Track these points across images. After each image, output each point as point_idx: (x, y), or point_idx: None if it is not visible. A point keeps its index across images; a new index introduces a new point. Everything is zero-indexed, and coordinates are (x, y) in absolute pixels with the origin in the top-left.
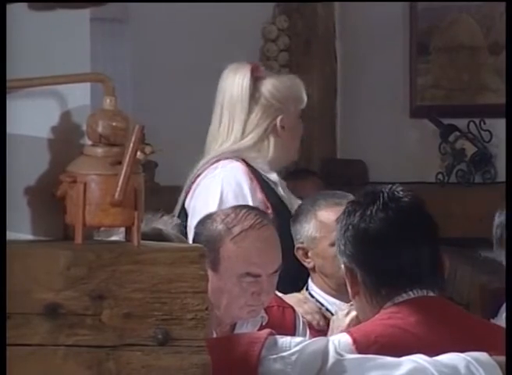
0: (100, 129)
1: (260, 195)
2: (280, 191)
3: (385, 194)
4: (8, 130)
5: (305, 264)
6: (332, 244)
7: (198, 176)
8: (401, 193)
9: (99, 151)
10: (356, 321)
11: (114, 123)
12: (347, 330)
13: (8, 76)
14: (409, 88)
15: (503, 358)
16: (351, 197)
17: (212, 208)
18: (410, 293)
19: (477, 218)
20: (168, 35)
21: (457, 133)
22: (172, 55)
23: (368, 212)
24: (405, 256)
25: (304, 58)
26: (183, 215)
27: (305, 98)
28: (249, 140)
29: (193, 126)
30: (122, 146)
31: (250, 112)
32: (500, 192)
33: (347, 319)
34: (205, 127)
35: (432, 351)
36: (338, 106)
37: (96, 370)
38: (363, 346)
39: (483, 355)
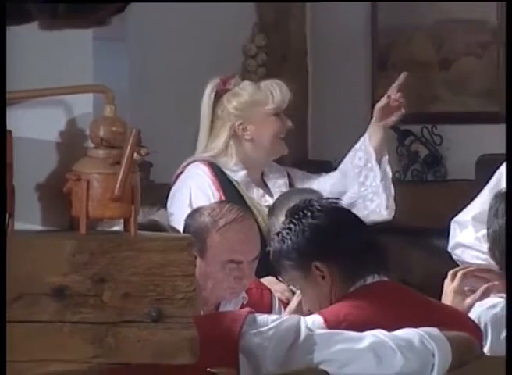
0: (101, 133)
1: (217, 194)
2: (242, 189)
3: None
4: (21, 134)
5: None
6: None
7: (176, 179)
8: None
9: (100, 152)
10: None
11: (113, 128)
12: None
13: (23, 87)
14: (370, 99)
15: (451, 333)
16: (319, 193)
17: (184, 212)
18: (368, 279)
19: (429, 211)
20: (161, 52)
21: (412, 137)
22: (164, 69)
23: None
24: (363, 249)
25: (280, 72)
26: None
27: (277, 98)
28: (215, 146)
29: (184, 130)
30: (120, 148)
31: (214, 121)
32: (449, 189)
33: (294, 302)
34: (194, 131)
35: (390, 328)
36: (309, 114)
37: (98, 344)
38: (333, 324)
39: (434, 330)
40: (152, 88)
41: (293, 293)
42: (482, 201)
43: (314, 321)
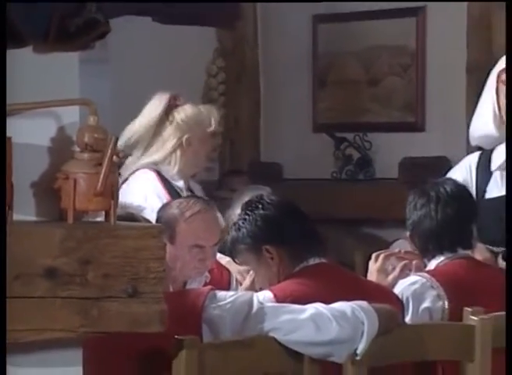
0: (86, 139)
1: (166, 197)
2: (184, 195)
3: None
4: (19, 140)
5: None
6: None
7: (124, 182)
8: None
9: (85, 155)
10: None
11: (96, 135)
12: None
13: (20, 101)
14: (312, 111)
15: (378, 305)
16: (268, 189)
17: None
18: (311, 260)
19: (360, 204)
20: (137, 71)
21: (346, 143)
22: (140, 86)
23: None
24: (305, 235)
25: (237, 89)
26: None
27: (213, 123)
28: (160, 154)
29: None
30: (102, 152)
31: (161, 131)
32: (377, 186)
33: (247, 281)
34: None
35: (328, 301)
36: (261, 123)
37: (83, 316)
38: (281, 299)
39: (364, 303)
40: (129, 102)
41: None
42: None
43: (265, 296)
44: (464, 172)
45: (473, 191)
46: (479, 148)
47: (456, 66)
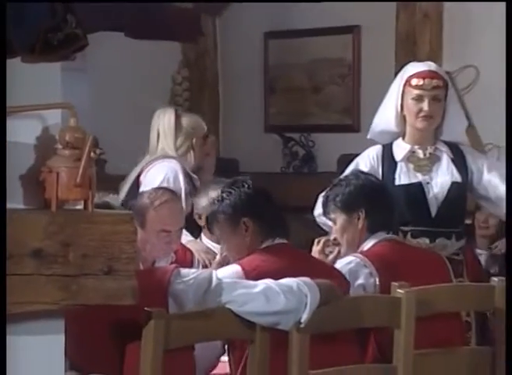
0: (67, 138)
1: (188, 184)
2: (198, 184)
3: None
4: (9, 138)
5: (199, 223)
6: None
7: (148, 165)
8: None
9: (66, 152)
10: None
11: (76, 134)
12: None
13: (10, 104)
14: (264, 114)
15: (319, 281)
16: (227, 181)
17: (157, 184)
18: (276, 240)
19: (305, 194)
20: (112, 80)
21: (293, 142)
22: (114, 92)
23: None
24: (275, 216)
25: (199, 95)
26: (134, 189)
27: (205, 127)
28: (181, 151)
29: (129, 137)
30: (81, 149)
31: (176, 135)
32: (319, 178)
33: (218, 257)
34: (137, 139)
35: (286, 276)
36: (220, 125)
37: (65, 290)
38: (248, 271)
39: (307, 279)
40: (105, 106)
41: (210, 253)
42: None
43: (233, 270)
44: (370, 161)
45: (380, 177)
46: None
47: (386, 76)
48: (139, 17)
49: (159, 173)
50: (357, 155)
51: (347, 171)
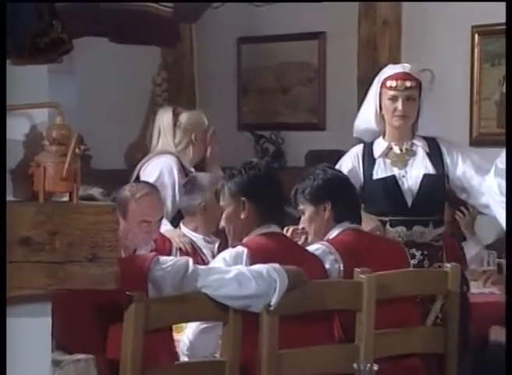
0: (54, 135)
1: (181, 178)
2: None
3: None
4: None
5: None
6: None
7: (147, 161)
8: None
9: (53, 148)
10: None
11: (62, 132)
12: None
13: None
14: (237, 114)
15: (288, 267)
16: (206, 175)
17: (153, 179)
18: (271, 227)
19: None
20: (97, 81)
21: (264, 139)
22: (99, 93)
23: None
24: (272, 203)
25: (177, 96)
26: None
27: (206, 122)
28: (180, 147)
29: (113, 135)
30: (67, 145)
31: (175, 132)
32: (288, 173)
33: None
34: (122, 136)
35: (273, 261)
36: None
37: (52, 276)
38: (254, 253)
39: (277, 265)
40: (90, 105)
41: (185, 238)
42: None
43: (238, 252)
44: (352, 160)
45: (361, 174)
46: (361, 141)
47: (349, 79)
48: (122, 24)
49: (155, 169)
50: (323, 151)
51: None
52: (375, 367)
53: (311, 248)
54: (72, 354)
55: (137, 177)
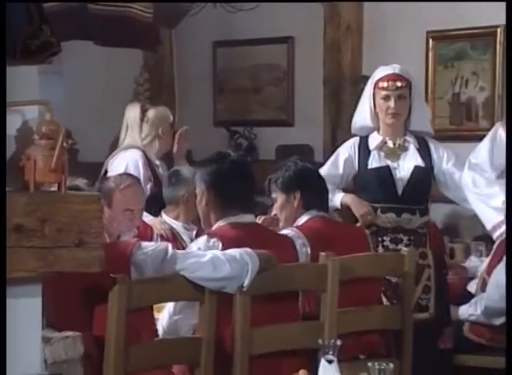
0: (43, 130)
1: (146, 170)
2: (160, 170)
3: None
4: None
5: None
6: None
7: (114, 156)
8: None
9: (43, 142)
10: None
11: (51, 127)
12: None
13: None
14: (213, 111)
15: (259, 251)
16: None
17: (120, 171)
18: (246, 217)
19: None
20: (84, 81)
21: (238, 134)
22: (86, 92)
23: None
24: (239, 193)
25: (158, 95)
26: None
27: (171, 118)
28: (146, 141)
29: (99, 131)
30: (55, 140)
31: (142, 126)
32: (260, 165)
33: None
34: (106, 132)
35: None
36: (176, 120)
37: (43, 260)
38: (227, 244)
39: (249, 249)
40: (77, 103)
41: (165, 224)
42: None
43: (214, 241)
44: (349, 150)
45: (356, 163)
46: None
47: (315, 80)
48: (106, 28)
49: (121, 163)
50: (292, 146)
51: (329, 160)
52: (338, 342)
53: (285, 231)
54: (61, 331)
55: (105, 171)
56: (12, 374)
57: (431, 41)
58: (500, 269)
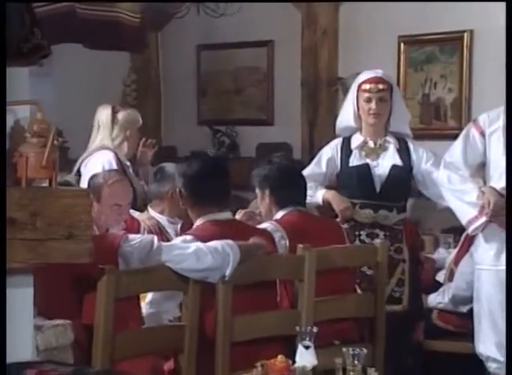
0: (35, 128)
1: (119, 169)
2: (129, 170)
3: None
4: None
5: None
6: None
7: (88, 156)
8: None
9: (34, 140)
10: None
11: (42, 126)
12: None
13: None
14: (197, 111)
15: (240, 242)
16: (172, 164)
17: (95, 171)
18: (224, 214)
19: (231, 174)
20: (72, 82)
21: (221, 133)
22: (75, 93)
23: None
24: (217, 191)
25: (145, 95)
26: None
27: (140, 121)
28: (116, 142)
29: (88, 129)
30: (46, 137)
31: (113, 128)
32: (241, 162)
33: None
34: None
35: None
36: (162, 119)
37: (33, 251)
38: (199, 237)
39: (230, 242)
40: (67, 103)
41: (152, 219)
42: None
43: (186, 237)
44: (332, 150)
45: (338, 162)
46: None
47: (294, 81)
48: (95, 32)
49: (96, 164)
50: (271, 144)
51: (314, 160)
52: (315, 329)
53: (263, 224)
54: (52, 320)
55: (78, 170)
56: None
57: (402, 45)
58: (466, 260)
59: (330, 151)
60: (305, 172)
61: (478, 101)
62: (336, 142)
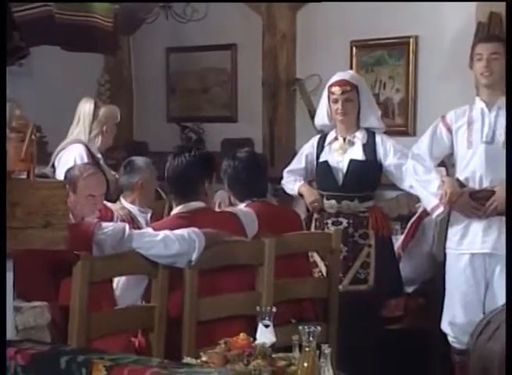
0: (14, 124)
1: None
2: (102, 163)
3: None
4: None
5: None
6: None
7: (62, 149)
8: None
9: (13, 135)
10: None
11: (20, 122)
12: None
13: None
14: (166, 108)
15: (205, 230)
16: (145, 159)
17: (68, 164)
18: (197, 204)
19: None
20: (51, 82)
21: (188, 129)
22: (54, 92)
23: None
24: (185, 181)
25: (118, 94)
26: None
27: (118, 117)
28: (92, 135)
29: (65, 125)
30: (24, 132)
31: (92, 122)
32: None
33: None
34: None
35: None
36: (134, 116)
37: (14, 239)
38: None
39: (196, 229)
40: (45, 101)
41: (124, 209)
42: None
43: (148, 230)
44: (310, 147)
45: (314, 158)
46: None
47: (255, 81)
48: (72, 35)
49: (69, 158)
50: (236, 139)
51: (296, 156)
52: (274, 309)
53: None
54: (30, 302)
55: (53, 164)
56: None
57: (354, 48)
58: (412, 246)
59: (308, 148)
60: (289, 167)
61: (423, 100)
62: (315, 139)
